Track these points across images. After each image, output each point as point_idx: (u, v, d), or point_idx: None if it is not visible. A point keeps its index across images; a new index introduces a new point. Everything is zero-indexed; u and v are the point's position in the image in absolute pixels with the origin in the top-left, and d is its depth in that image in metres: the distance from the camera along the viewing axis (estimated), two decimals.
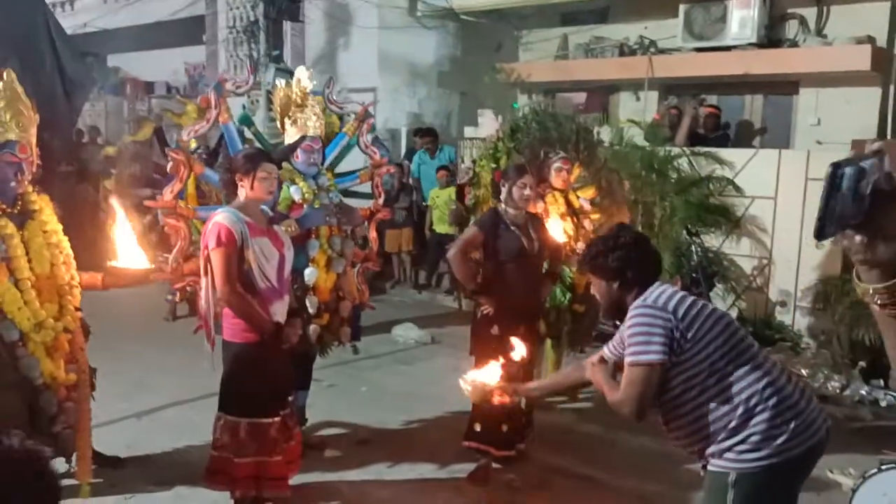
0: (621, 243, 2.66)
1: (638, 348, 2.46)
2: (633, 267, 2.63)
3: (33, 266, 2.98)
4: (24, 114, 3.02)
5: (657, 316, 2.47)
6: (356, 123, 4.86)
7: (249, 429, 3.53)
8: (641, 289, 2.60)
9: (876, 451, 4.78)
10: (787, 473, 2.48)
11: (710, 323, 2.50)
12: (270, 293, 3.55)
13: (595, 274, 2.72)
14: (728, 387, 2.45)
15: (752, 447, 2.43)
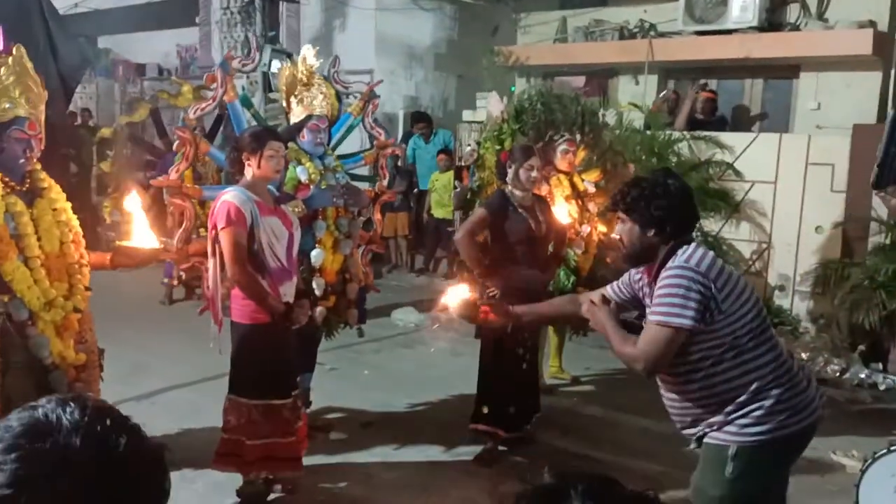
0: (670, 191, 2.49)
1: (671, 309, 2.38)
2: (675, 219, 2.48)
3: (42, 244, 2.93)
4: (34, 90, 2.96)
5: (698, 281, 2.38)
6: (361, 103, 4.81)
7: (262, 410, 3.51)
8: (677, 244, 2.48)
9: (876, 434, 4.82)
10: (784, 449, 2.50)
11: (744, 298, 2.46)
12: (280, 273, 3.52)
13: (629, 216, 2.53)
14: (745, 361, 2.44)
15: (754, 421, 2.44)
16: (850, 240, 6.91)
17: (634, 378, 6.04)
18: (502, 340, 4.28)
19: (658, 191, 2.49)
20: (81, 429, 0.94)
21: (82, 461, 0.92)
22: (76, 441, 0.93)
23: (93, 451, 0.93)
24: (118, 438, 0.95)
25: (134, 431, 0.99)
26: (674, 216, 2.48)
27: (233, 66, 4.43)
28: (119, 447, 0.95)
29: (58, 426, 0.94)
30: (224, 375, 3.71)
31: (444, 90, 11.10)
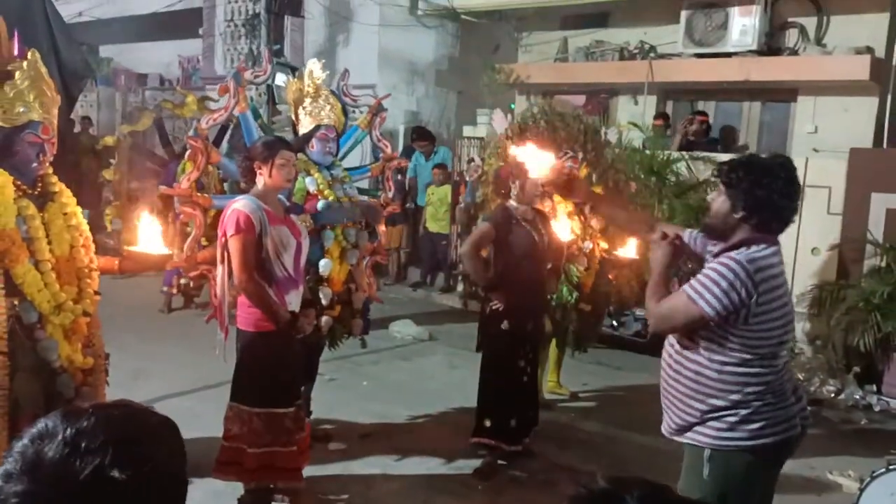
0: (777, 183, 2.40)
1: (706, 293, 2.38)
2: (765, 213, 2.42)
3: (53, 248, 2.94)
4: (47, 94, 2.98)
5: (744, 283, 2.36)
6: (369, 116, 4.86)
7: (264, 419, 3.51)
8: (756, 237, 2.44)
9: (872, 455, 4.85)
10: (760, 459, 2.52)
11: (777, 322, 2.45)
12: (287, 282, 3.54)
13: (728, 190, 2.46)
14: (744, 374, 2.46)
15: (728, 426, 2.48)
16: (845, 262, 6.96)
17: (633, 395, 6.15)
18: (503, 353, 4.31)
19: (764, 181, 2.41)
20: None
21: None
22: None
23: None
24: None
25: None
26: (767, 208, 2.42)
27: (245, 78, 4.47)
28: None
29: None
30: (224, 384, 3.72)
31: (444, 106, 11.17)
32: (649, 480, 1.06)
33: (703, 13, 8.45)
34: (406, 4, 10.58)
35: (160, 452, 1.02)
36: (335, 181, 4.30)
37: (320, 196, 4.17)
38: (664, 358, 2.66)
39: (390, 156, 4.95)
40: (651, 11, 9.05)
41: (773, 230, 2.47)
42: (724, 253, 2.47)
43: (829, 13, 8.16)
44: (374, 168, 4.91)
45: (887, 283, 6.30)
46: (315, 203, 4.12)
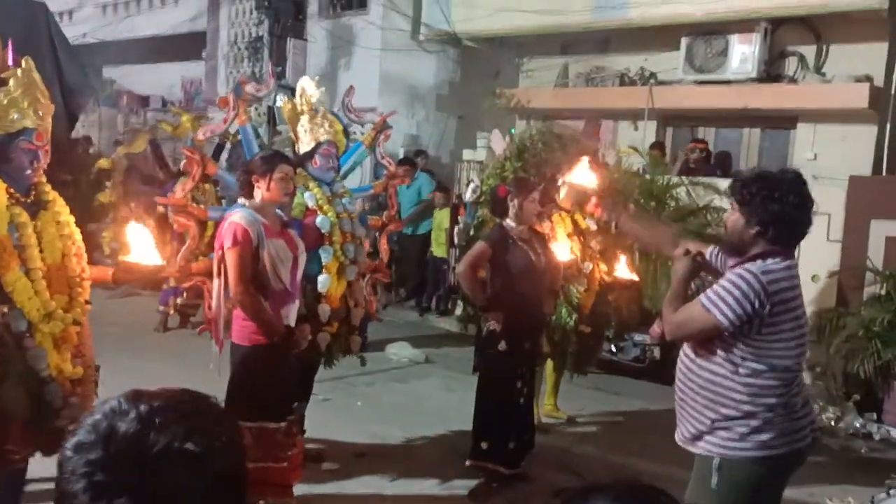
0: (788, 199, 2.44)
1: (720, 302, 2.43)
2: (779, 227, 2.46)
3: (44, 256, 2.92)
4: (41, 101, 2.98)
5: (756, 294, 2.40)
6: (373, 133, 4.86)
7: (256, 433, 3.45)
8: (772, 250, 2.48)
9: (871, 483, 4.78)
10: (769, 469, 2.52)
11: (790, 334, 2.48)
12: (283, 296, 3.51)
13: (742, 208, 2.52)
14: (754, 384, 2.48)
15: (738, 437, 2.49)
16: (845, 289, 6.93)
17: (630, 421, 6.09)
18: (500, 374, 4.26)
19: (776, 194, 2.46)
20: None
21: None
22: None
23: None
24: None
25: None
26: (780, 222, 2.46)
27: (246, 91, 4.48)
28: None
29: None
30: (219, 401, 3.67)
31: (444, 130, 11.22)
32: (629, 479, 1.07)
33: (704, 41, 8.51)
34: (408, 29, 10.67)
35: (227, 431, 1.04)
36: (335, 196, 4.28)
37: (319, 212, 4.15)
38: (679, 367, 2.68)
39: (393, 173, 4.95)
40: (651, 38, 9.11)
41: (788, 243, 2.52)
42: (739, 265, 2.50)
43: (829, 42, 8.23)
44: (376, 185, 4.91)
45: (887, 310, 6.27)
46: (314, 218, 4.11)
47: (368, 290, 4.64)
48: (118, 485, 0.94)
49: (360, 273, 4.36)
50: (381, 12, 10.44)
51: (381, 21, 10.44)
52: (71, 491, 0.95)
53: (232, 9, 12.07)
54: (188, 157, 4.13)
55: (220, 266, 3.52)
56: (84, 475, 0.94)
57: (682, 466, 2.86)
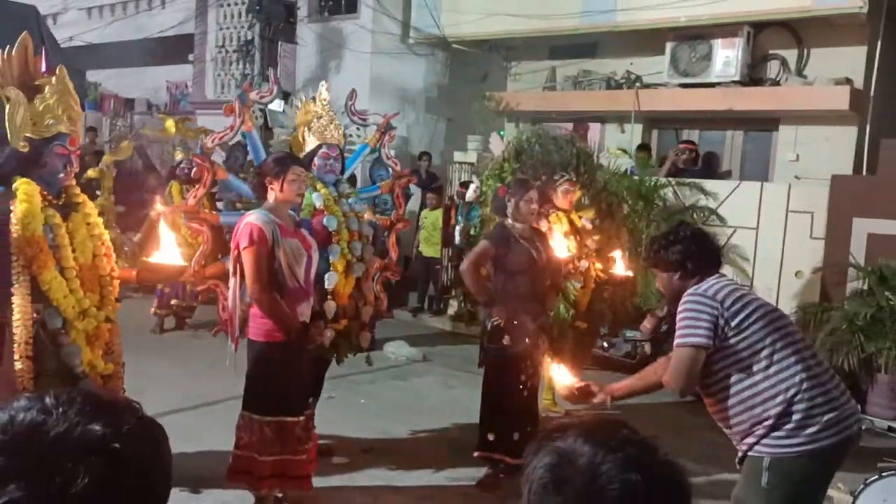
0: (680, 237, 2.85)
1: (685, 331, 2.69)
2: (691, 258, 2.81)
3: (77, 256, 3.02)
4: (74, 108, 3.08)
5: (705, 304, 2.68)
6: (378, 135, 4.99)
7: (275, 427, 3.58)
8: (700, 279, 2.79)
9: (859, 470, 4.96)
10: (819, 461, 2.64)
11: (756, 315, 2.69)
12: (298, 293, 3.63)
13: (658, 267, 2.91)
14: (770, 376, 2.63)
15: (786, 434, 2.61)
16: (828, 285, 7.15)
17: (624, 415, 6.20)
18: (504, 368, 4.41)
19: (671, 238, 2.88)
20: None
21: None
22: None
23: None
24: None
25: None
26: (690, 256, 2.82)
27: (250, 98, 4.59)
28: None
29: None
30: (218, 401, 3.79)
31: (434, 132, 11.35)
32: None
33: (688, 45, 8.73)
34: (397, 33, 10.80)
35: (142, 422, 0.98)
36: (340, 197, 4.40)
37: (327, 212, 4.27)
38: (715, 418, 2.85)
39: (400, 173, 5.08)
40: (637, 42, 9.32)
41: (707, 268, 2.84)
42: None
43: (809, 46, 8.48)
44: (383, 185, 5.03)
45: (869, 305, 6.48)
46: (321, 218, 4.22)
47: (379, 287, 4.76)
48: (11, 471, 0.87)
49: (368, 271, 4.49)
50: (371, 16, 10.55)
51: (371, 24, 10.56)
52: None
53: (220, 12, 12.11)
54: (198, 165, 4.24)
55: (235, 266, 3.63)
56: None
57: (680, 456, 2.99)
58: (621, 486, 0.99)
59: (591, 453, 1.02)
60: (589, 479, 1.00)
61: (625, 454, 1.02)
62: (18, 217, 2.82)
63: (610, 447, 1.03)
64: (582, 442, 1.04)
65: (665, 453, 1.06)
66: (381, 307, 4.84)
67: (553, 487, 1.02)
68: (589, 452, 1.02)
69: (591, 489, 1.00)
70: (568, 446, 1.04)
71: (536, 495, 1.03)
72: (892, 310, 6.41)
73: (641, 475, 1.00)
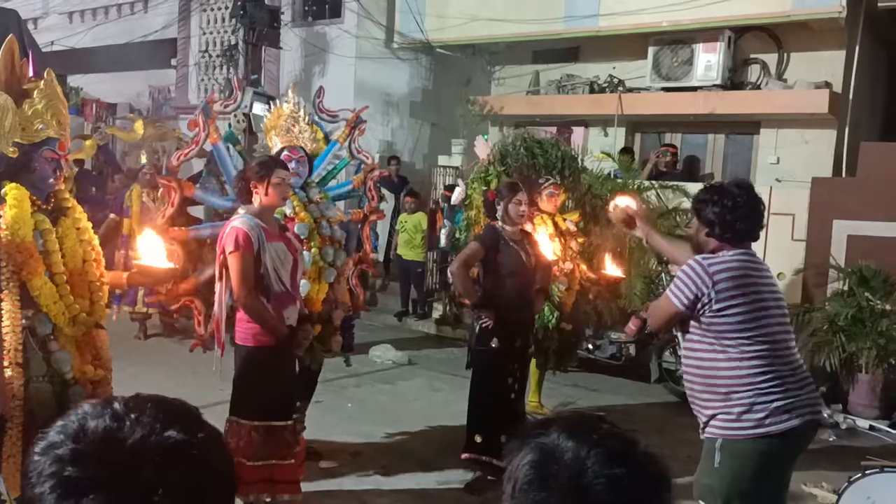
0: (724, 200, 2.88)
1: (674, 288, 2.84)
2: (723, 225, 2.87)
3: (66, 262, 3.00)
4: (63, 113, 3.07)
5: (699, 276, 2.78)
6: (348, 129, 4.98)
7: (263, 432, 3.57)
8: (722, 246, 2.88)
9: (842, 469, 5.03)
10: (767, 446, 2.76)
11: (745, 306, 2.78)
12: (285, 297, 3.63)
13: (697, 215, 2.99)
14: (731, 359, 2.76)
15: (735, 417, 2.76)
16: (809, 286, 7.24)
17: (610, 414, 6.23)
18: (492, 369, 4.43)
19: (716, 198, 2.91)
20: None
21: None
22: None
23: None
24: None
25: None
26: (722, 222, 2.88)
27: (214, 110, 4.55)
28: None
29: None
30: (204, 407, 3.73)
31: (418, 137, 11.38)
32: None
33: (670, 49, 8.81)
34: (382, 37, 10.83)
35: (209, 428, 0.97)
36: (311, 203, 4.37)
37: (297, 219, 4.24)
38: (683, 363, 3.03)
39: (371, 166, 5.09)
40: (620, 47, 9.40)
41: (736, 239, 2.90)
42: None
43: (789, 50, 8.59)
44: (355, 180, 5.03)
45: (850, 305, 6.57)
46: (293, 225, 4.21)
47: (355, 281, 4.74)
48: (89, 481, 0.85)
49: (341, 273, 4.46)
50: (356, 20, 10.58)
51: (355, 29, 10.58)
52: (36, 494, 0.85)
53: (204, 16, 12.08)
54: (165, 186, 4.22)
55: (221, 271, 3.62)
56: (52, 475, 0.85)
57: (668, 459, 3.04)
58: (607, 481, 1.00)
59: (576, 448, 1.02)
60: (575, 474, 1.00)
61: (608, 448, 1.03)
62: (8, 222, 2.80)
63: (593, 442, 1.03)
64: (565, 437, 1.04)
65: (645, 446, 1.07)
66: (357, 303, 4.83)
67: (538, 484, 1.02)
68: (573, 448, 1.02)
69: (577, 484, 1.00)
70: (551, 442, 1.04)
71: (521, 493, 1.03)
72: (873, 310, 6.50)
73: (625, 469, 1.01)
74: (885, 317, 6.43)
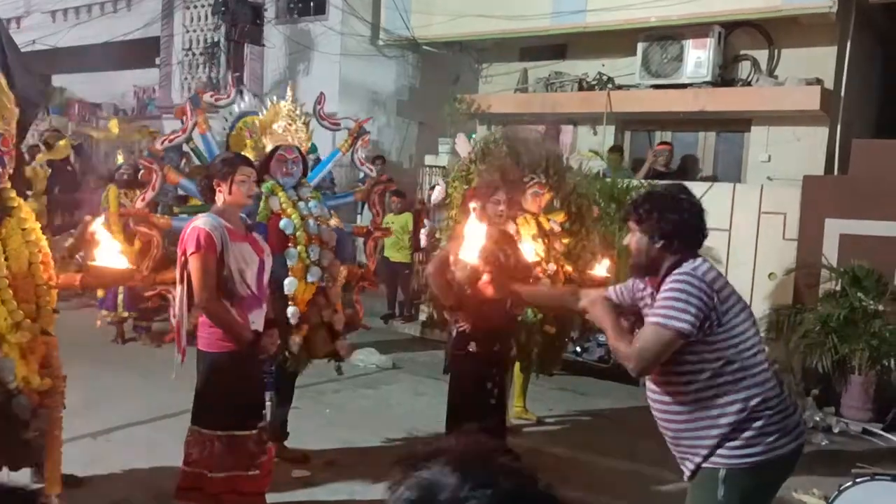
0: (680, 207, 2.52)
1: (672, 312, 2.38)
2: (683, 234, 2.50)
3: (10, 264, 2.85)
4: (7, 107, 2.93)
5: (701, 289, 2.40)
6: (350, 139, 4.87)
7: (225, 442, 3.41)
8: (683, 257, 2.50)
9: (834, 474, 4.90)
10: (773, 471, 2.52)
11: (744, 315, 2.48)
12: (250, 300, 3.46)
13: (641, 227, 2.55)
14: (742, 378, 2.44)
15: (745, 443, 2.45)
16: (801, 286, 7.11)
17: (598, 420, 6.15)
18: (470, 375, 4.27)
19: (669, 205, 2.53)
20: None
21: None
22: None
23: None
24: None
25: None
26: (682, 231, 2.51)
27: (204, 101, 4.46)
28: None
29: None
30: (181, 413, 3.62)
31: (405, 136, 11.23)
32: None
33: (659, 45, 8.67)
34: (367, 35, 10.67)
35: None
36: (300, 200, 4.26)
37: (283, 215, 4.13)
38: (654, 409, 2.63)
39: (377, 179, 4.95)
40: (609, 44, 9.25)
41: (693, 248, 2.55)
42: (665, 278, 2.51)
43: (780, 46, 8.45)
44: (358, 193, 4.90)
45: (842, 306, 6.44)
46: (278, 222, 4.08)
47: (356, 297, 4.63)
48: None
49: (335, 278, 4.34)
50: (340, 17, 10.43)
51: (340, 26, 10.43)
52: None
53: (187, 14, 11.92)
54: (146, 167, 4.09)
55: (182, 272, 3.46)
56: None
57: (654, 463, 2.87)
58: None
59: (456, 486, 0.90)
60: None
61: (496, 488, 0.90)
62: None
63: (480, 480, 0.91)
64: (450, 471, 0.92)
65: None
66: (356, 318, 4.70)
67: None
68: (454, 485, 0.90)
69: None
70: (433, 476, 0.92)
71: None
72: (865, 311, 6.38)
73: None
74: (878, 317, 6.31)
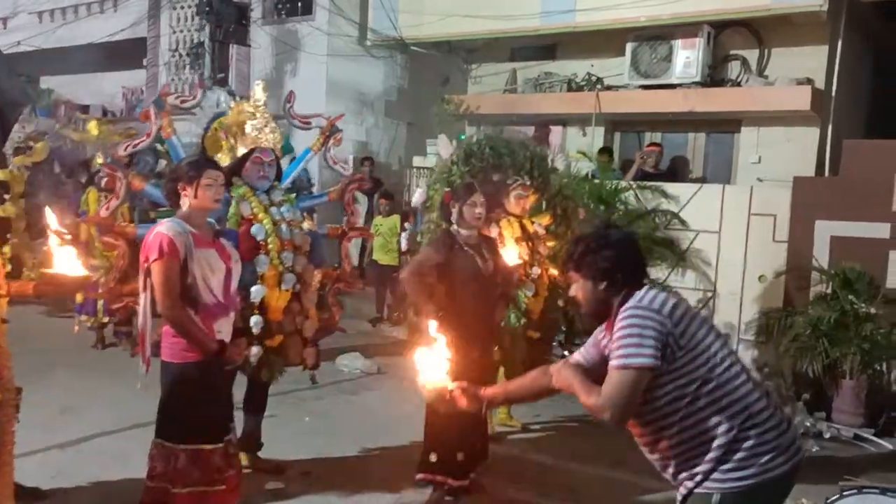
0: (612, 242, 2.48)
1: (628, 350, 2.28)
2: (623, 267, 2.43)
3: None
4: None
5: (651, 318, 2.29)
6: (322, 138, 4.74)
7: (191, 456, 3.28)
8: (630, 291, 2.41)
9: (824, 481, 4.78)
10: (770, 493, 2.37)
11: (705, 332, 2.35)
12: (215, 309, 3.33)
13: (580, 273, 2.49)
14: (720, 398, 2.31)
15: (737, 465, 2.30)
16: (792, 289, 7.01)
17: (584, 426, 6.02)
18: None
19: (601, 242, 2.47)
20: None
21: None
22: None
23: None
24: None
25: None
26: (621, 265, 2.44)
27: (168, 103, 4.34)
28: None
29: None
30: (152, 423, 3.49)
31: (394, 137, 11.12)
32: None
33: (648, 45, 8.58)
34: (355, 35, 10.56)
35: None
36: (272, 204, 4.13)
37: (254, 220, 4.00)
38: (649, 457, 2.50)
39: (351, 178, 4.83)
40: (598, 44, 9.17)
41: (637, 279, 2.47)
42: (616, 318, 2.41)
43: (770, 46, 8.37)
44: (331, 193, 4.78)
45: (833, 309, 6.34)
46: (249, 228, 3.95)
47: (332, 300, 4.50)
48: None
49: (308, 283, 4.21)
50: (328, 17, 10.31)
51: (327, 26, 10.32)
52: None
53: (173, 14, 11.80)
54: (109, 174, 3.96)
55: (145, 280, 3.33)
56: None
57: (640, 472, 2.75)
58: None
59: None
60: None
61: None
62: None
63: None
64: None
65: None
66: (332, 321, 4.57)
67: None
68: None
69: None
70: None
71: None
72: (857, 314, 6.28)
73: None
74: (870, 320, 6.21)
